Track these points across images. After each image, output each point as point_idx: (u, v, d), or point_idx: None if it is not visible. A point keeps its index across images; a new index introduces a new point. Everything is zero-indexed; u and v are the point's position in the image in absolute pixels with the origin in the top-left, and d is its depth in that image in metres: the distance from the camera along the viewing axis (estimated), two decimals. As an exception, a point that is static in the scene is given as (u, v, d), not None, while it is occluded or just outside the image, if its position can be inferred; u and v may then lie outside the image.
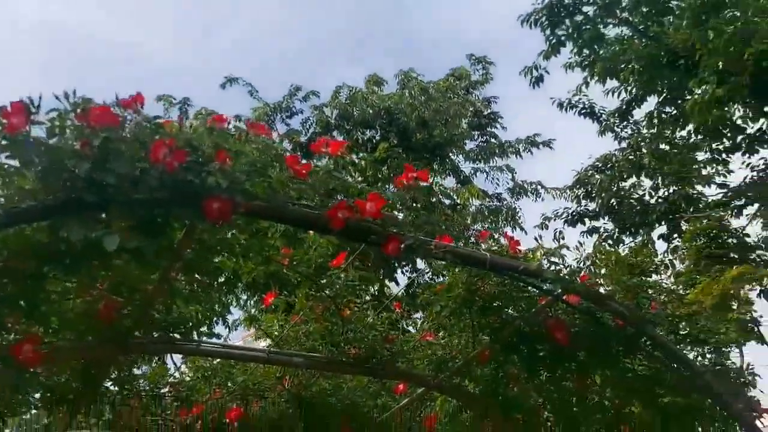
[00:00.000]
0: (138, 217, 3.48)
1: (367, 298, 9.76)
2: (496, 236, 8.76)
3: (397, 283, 15.69)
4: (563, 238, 15.08)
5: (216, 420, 6.24)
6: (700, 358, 5.97)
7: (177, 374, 6.77)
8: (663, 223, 13.75)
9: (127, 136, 3.46)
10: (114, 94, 3.54)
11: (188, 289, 5.03)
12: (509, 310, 5.54)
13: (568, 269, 5.35)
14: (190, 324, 5.25)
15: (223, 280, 5.22)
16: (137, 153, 3.39)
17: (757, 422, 5.36)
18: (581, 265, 6.07)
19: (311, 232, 5.39)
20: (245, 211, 3.63)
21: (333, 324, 5.48)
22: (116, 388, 6.28)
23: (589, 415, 6.19)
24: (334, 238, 4.83)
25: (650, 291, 5.69)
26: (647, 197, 14.27)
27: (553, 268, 5.10)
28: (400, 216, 4.53)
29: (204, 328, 5.57)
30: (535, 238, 7.51)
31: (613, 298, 5.33)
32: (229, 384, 6.27)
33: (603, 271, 6.73)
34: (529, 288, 5.46)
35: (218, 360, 5.96)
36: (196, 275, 4.89)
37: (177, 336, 5.23)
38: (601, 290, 5.47)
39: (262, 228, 4.93)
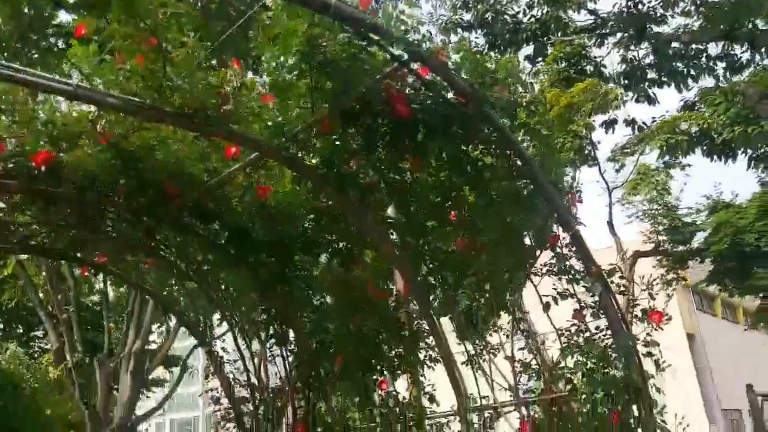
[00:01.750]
0: None
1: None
2: None
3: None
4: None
5: (21, 164, 5.54)
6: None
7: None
8: (531, 43, 13.64)
9: None
10: None
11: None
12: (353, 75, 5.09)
13: (421, 37, 4.93)
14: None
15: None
16: None
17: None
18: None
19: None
20: None
21: (156, 64, 4.76)
22: None
23: (422, 196, 6.14)
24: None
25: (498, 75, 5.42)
26: (521, 15, 13.99)
27: (403, 29, 4.65)
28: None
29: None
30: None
31: (458, 74, 5.03)
32: (39, 127, 5.48)
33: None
34: (377, 53, 5.03)
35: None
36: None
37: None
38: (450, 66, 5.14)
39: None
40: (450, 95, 5.14)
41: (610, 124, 13.93)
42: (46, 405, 16.14)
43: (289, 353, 7.68)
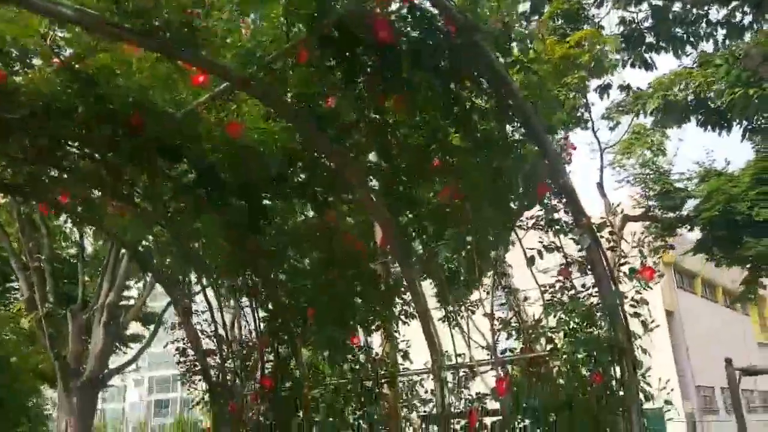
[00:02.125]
0: None
1: None
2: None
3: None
4: None
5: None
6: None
7: None
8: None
9: None
10: None
11: None
12: (332, -4, 4.62)
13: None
14: None
15: None
16: None
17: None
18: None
19: None
20: None
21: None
22: None
23: (405, 139, 5.72)
24: None
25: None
26: (519, -29, 13.42)
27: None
28: None
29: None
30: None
31: (449, 1, 4.58)
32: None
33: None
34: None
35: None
36: None
37: None
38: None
39: None
40: (439, 24, 4.68)
41: (604, 89, 13.49)
42: (15, 354, 15.75)
43: (259, 305, 7.30)
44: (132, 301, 19.42)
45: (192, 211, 6.91)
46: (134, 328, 22.80)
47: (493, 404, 5.66)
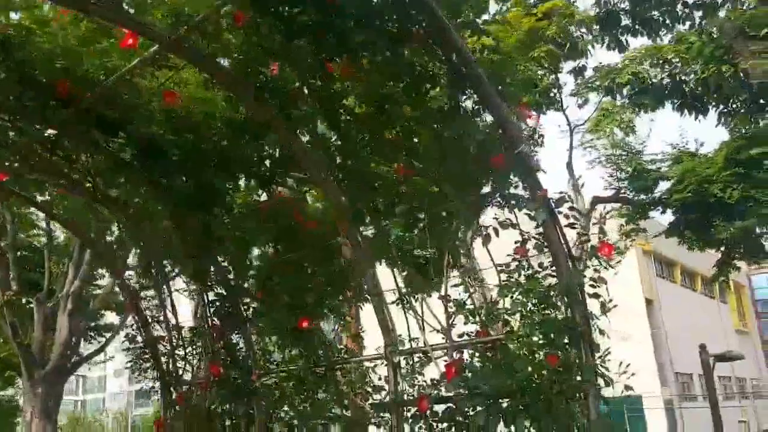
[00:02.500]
0: None
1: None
2: None
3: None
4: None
5: None
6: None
7: None
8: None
9: None
10: None
11: None
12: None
13: None
14: None
15: None
16: None
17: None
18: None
19: None
20: None
21: None
22: None
23: (356, 109, 5.33)
24: None
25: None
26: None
27: None
28: None
29: None
30: None
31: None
32: None
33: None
34: None
35: None
36: None
37: None
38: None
39: None
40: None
41: (579, 72, 13.14)
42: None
43: (208, 289, 6.90)
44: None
45: (133, 189, 6.49)
46: (110, 317, 22.31)
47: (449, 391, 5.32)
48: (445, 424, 4.95)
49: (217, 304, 6.73)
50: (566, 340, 4.69)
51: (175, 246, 6.94)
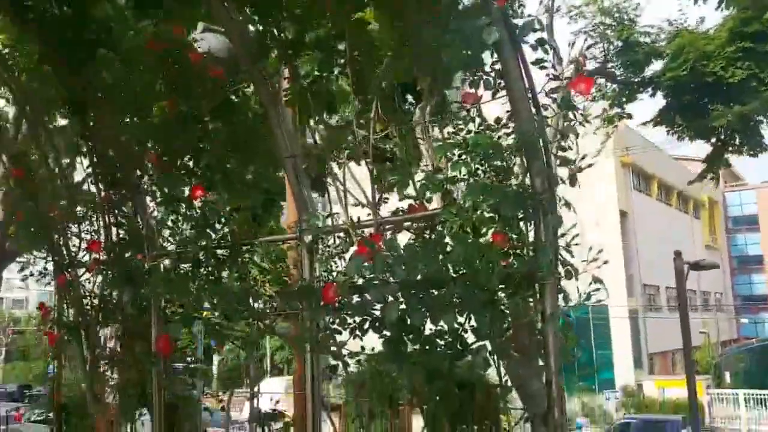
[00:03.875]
0: None
1: None
2: None
3: None
4: None
5: None
6: None
7: None
8: None
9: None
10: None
11: None
12: None
13: None
14: None
15: None
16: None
17: None
18: None
19: None
20: None
21: None
22: None
23: None
24: None
25: None
26: None
27: None
28: None
29: None
30: None
31: None
32: None
33: None
34: None
35: None
36: None
37: None
38: None
39: None
40: None
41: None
42: None
43: (94, 151, 5.49)
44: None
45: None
46: None
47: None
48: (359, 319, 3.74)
49: (105, 167, 5.35)
50: (521, 214, 3.42)
51: (55, 96, 5.48)
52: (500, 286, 3.30)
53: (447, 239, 3.63)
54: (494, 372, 3.53)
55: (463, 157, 3.63)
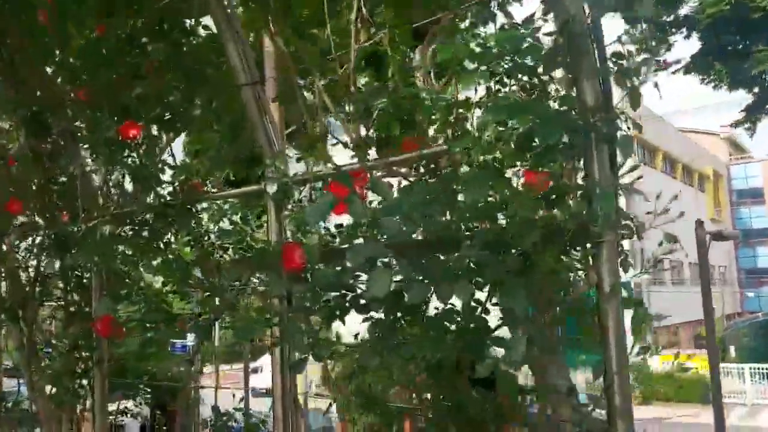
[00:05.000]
0: None
1: None
2: None
3: None
4: None
5: None
6: None
7: None
8: None
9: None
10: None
11: None
12: None
13: None
14: None
15: None
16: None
17: None
18: None
19: None
20: None
21: None
22: None
23: None
24: None
25: None
26: None
27: None
28: None
29: None
30: None
31: None
32: None
33: None
34: None
35: None
36: None
37: None
38: None
39: None
40: None
41: None
42: None
43: (15, 86, 4.37)
44: None
45: None
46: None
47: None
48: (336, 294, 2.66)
49: (27, 105, 4.24)
50: (564, 142, 2.33)
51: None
52: (537, 247, 2.21)
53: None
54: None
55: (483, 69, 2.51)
